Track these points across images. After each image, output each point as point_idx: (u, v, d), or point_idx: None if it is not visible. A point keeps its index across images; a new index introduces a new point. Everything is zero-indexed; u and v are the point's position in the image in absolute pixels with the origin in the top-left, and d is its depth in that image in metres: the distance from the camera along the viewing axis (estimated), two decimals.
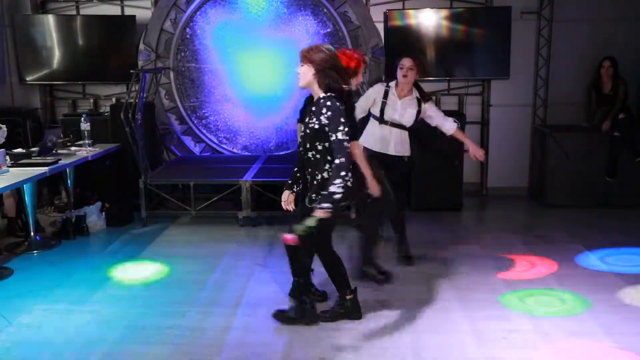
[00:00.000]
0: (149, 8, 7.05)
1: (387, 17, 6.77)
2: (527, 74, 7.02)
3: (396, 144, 4.50)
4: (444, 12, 6.76)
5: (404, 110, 4.47)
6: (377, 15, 6.84)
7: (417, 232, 5.67)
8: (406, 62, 4.45)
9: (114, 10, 7.14)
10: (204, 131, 7.15)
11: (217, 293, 4.32)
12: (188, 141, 7.18)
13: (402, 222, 4.80)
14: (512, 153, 7.16)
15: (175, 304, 4.12)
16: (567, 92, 7.00)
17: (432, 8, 6.77)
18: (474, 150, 4.50)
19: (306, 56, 3.43)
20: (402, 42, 6.76)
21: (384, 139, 4.49)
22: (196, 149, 7.21)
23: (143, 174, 6.02)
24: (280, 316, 3.80)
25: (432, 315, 3.89)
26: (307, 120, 3.52)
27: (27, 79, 7.04)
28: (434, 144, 5.82)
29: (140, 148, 5.97)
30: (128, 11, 7.10)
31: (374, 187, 3.99)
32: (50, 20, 6.95)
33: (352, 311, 3.80)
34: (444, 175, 6.36)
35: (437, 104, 7.04)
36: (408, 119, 4.49)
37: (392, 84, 4.52)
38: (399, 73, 4.47)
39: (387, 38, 6.80)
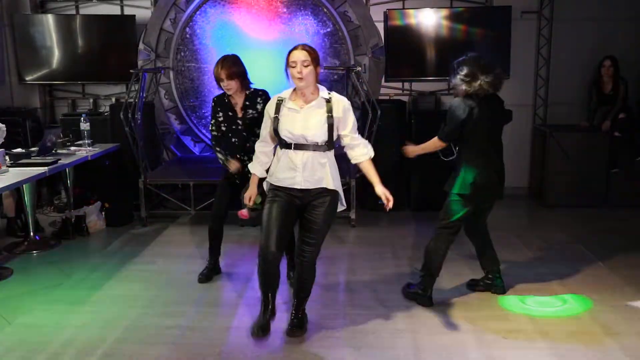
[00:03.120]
0: (148, 8, 7.06)
1: (387, 17, 6.77)
2: (527, 73, 7.03)
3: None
4: (444, 12, 6.76)
5: None
6: (377, 15, 6.85)
7: (417, 232, 5.69)
8: None
9: (113, 9, 7.15)
10: (204, 131, 7.16)
11: (216, 293, 4.33)
12: (188, 141, 7.19)
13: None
14: (512, 153, 7.07)
15: (175, 304, 4.13)
16: (567, 92, 7.01)
17: (432, 8, 6.78)
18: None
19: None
20: (402, 41, 6.78)
21: None
22: (196, 149, 7.22)
23: (143, 174, 6.03)
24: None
25: (432, 315, 3.89)
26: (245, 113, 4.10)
27: (27, 78, 7.04)
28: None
29: (140, 148, 5.97)
30: (128, 11, 7.11)
31: None
32: (49, 19, 6.95)
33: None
34: (444, 175, 6.35)
35: (437, 103, 7.06)
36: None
37: None
38: None
39: (387, 38, 6.81)
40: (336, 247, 5.29)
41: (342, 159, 3.66)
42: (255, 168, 3.67)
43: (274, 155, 3.58)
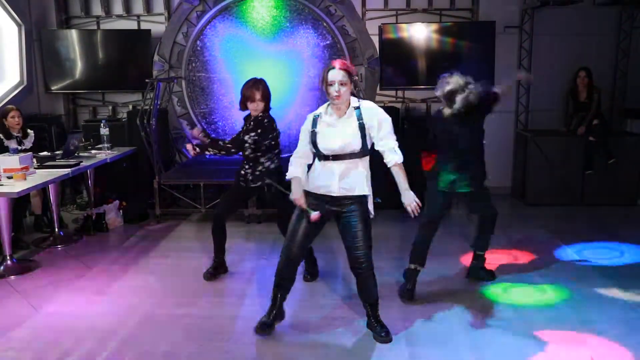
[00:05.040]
0: (162, 23, 7.06)
1: (381, 31, 6.78)
2: (509, 82, 6.97)
3: None
4: (434, 26, 6.77)
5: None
6: (372, 28, 6.86)
7: (407, 230, 5.67)
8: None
9: (131, 24, 7.16)
10: (213, 135, 7.14)
11: (224, 285, 4.34)
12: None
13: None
14: (496, 156, 7.09)
15: (186, 294, 4.14)
16: (546, 100, 7.01)
17: (422, 22, 6.78)
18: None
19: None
20: (395, 53, 6.78)
21: None
22: (206, 152, 7.20)
23: (157, 175, 6.04)
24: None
25: (422, 306, 3.89)
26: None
27: (52, 88, 7.05)
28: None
29: (155, 151, 5.98)
30: (144, 25, 7.12)
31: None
32: (73, 34, 6.96)
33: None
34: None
35: (428, 110, 7.06)
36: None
37: None
38: None
39: (381, 50, 6.81)
40: (335, 242, 5.29)
41: None
42: (297, 172, 3.35)
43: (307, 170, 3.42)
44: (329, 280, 4.35)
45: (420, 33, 6.75)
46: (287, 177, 3.41)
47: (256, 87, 4.06)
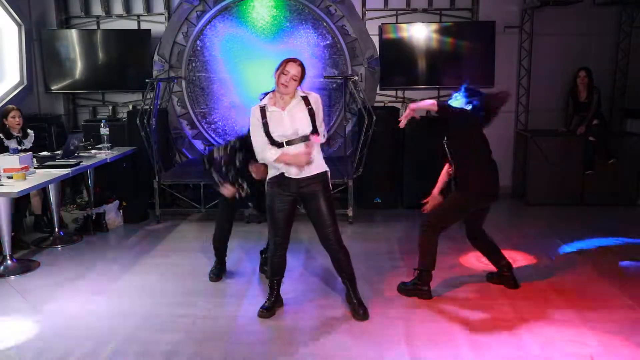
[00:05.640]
0: (162, 22, 7.06)
1: (381, 31, 6.78)
2: (510, 82, 7.03)
3: None
4: (434, 26, 6.77)
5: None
6: (372, 28, 6.86)
7: (409, 228, 5.69)
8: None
9: (131, 24, 7.16)
10: (213, 135, 7.17)
11: (224, 285, 4.34)
12: (198, 144, 7.20)
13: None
14: (496, 155, 7.05)
15: (187, 294, 4.14)
16: (546, 100, 7.02)
17: (422, 22, 6.78)
18: None
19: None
20: (395, 53, 6.78)
21: None
22: (206, 152, 7.22)
23: (157, 175, 6.04)
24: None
25: (422, 306, 3.90)
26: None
27: (52, 88, 7.05)
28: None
29: (155, 151, 5.98)
30: (144, 25, 7.12)
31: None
32: (73, 34, 6.96)
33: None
34: (435, 175, 6.37)
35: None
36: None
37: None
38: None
39: (381, 49, 6.82)
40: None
41: (339, 161, 3.67)
42: (272, 153, 3.50)
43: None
44: (329, 280, 4.35)
45: (420, 33, 6.75)
46: (273, 159, 3.51)
47: None
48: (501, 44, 6.80)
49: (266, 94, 3.63)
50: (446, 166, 4.11)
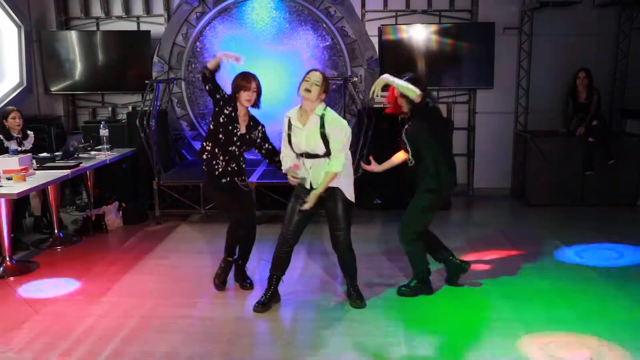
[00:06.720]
0: (162, 24, 7.08)
1: (381, 32, 6.79)
2: (509, 84, 7.05)
3: None
4: (433, 27, 6.78)
5: None
6: (372, 30, 6.87)
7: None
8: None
9: (130, 26, 7.17)
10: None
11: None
12: (198, 145, 7.18)
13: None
14: (496, 156, 7.18)
15: (186, 295, 4.14)
16: (546, 101, 7.02)
17: (422, 23, 6.80)
18: None
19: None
20: (395, 54, 6.79)
21: None
22: None
23: (157, 176, 6.04)
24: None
25: (422, 305, 3.90)
26: (248, 131, 4.06)
27: (52, 89, 7.06)
28: None
29: (154, 152, 5.99)
30: (143, 27, 7.13)
31: None
32: (73, 35, 6.97)
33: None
34: None
35: None
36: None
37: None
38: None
39: (381, 51, 6.83)
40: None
41: None
42: (287, 164, 3.83)
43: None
44: (329, 280, 4.36)
45: (419, 34, 6.76)
46: (284, 169, 3.83)
47: (252, 78, 4.02)
48: (500, 45, 6.81)
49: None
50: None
